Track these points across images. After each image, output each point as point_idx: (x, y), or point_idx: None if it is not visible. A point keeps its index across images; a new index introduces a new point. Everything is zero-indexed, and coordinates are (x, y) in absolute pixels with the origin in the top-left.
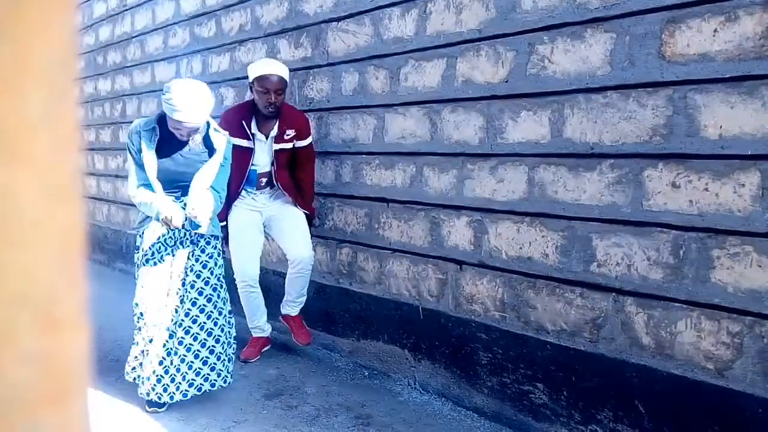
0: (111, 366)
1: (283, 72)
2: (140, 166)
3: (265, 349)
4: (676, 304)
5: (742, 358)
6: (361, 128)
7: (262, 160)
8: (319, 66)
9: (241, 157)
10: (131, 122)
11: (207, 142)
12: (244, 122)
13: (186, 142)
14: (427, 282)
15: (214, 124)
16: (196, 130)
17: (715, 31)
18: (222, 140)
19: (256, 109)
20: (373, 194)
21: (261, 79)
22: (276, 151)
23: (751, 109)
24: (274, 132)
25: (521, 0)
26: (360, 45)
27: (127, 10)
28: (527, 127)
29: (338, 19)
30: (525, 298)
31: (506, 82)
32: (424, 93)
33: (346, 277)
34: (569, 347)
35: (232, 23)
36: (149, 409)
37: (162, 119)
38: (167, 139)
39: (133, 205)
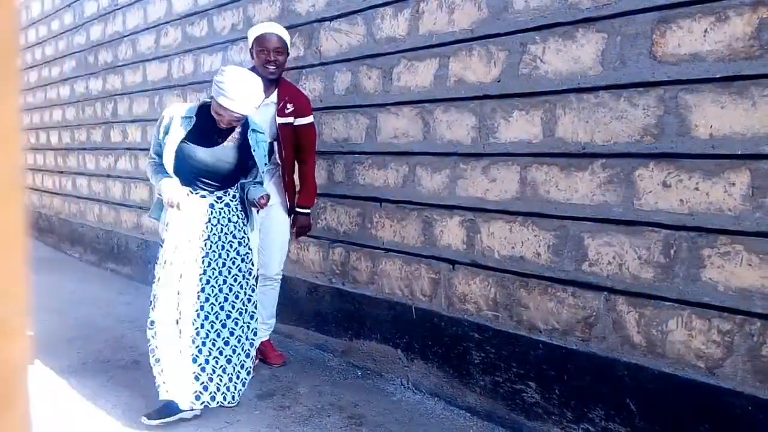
0: (100, 368)
1: (283, 33)
2: (158, 152)
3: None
4: (667, 303)
5: (733, 357)
6: (353, 128)
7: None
8: (312, 65)
9: None
10: (123, 122)
11: (242, 140)
12: None
13: (220, 136)
14: (420, 281)
15: (253, 123)
16: (237, 121)
17: (706, 31)
18: (262, 138)
19: (257, 75)
20: (366, 194)
21: (260, 39)
22: (279, 125)
23: (741, 108)
24: (272, 99)
25: (513, 0)
26: (353, 44)
27: (118, 9)
28: (519, 126)
29: (330, 19)
30: (517, 298)
31: (498, 81)
32: (417, 93)
33: (338, 276)
34: (561, 346)
35: (224, 23)
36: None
37: (201, 110)
38: (203, 129)
39: (124, 205)
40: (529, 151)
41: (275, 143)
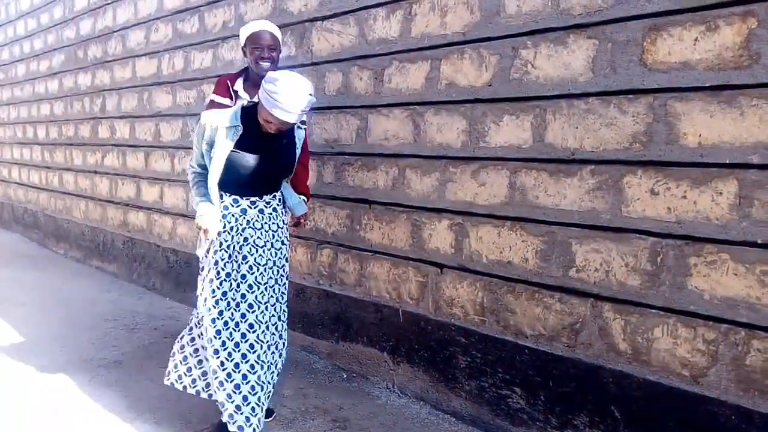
0: (83, 366)
1: (276, 31)
2: (201, 163)
3: None
4: (653, 311)
5: (717, 365)
6: (343, 128)
7: None
8: (303, 65)
9: None
10: (111, 118)
11: (289, 138)
12: (229, 81)
13: (267, 140)
14: (408, 284)
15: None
16: (287, 128)
17: (696, 39)
18: (301, 134)
19: (249, 74)
20: (355, 195)
21: (253, 37)
22: None
23: (730, 118)
24: None
25: (506, 4)
26: (344, 45)
27: (109, 4)
28: (509, 131)
29: (323, 18)
30: (504, 303)
31: (489, 86)
32: (408, 95)
33: (326, 278)
34: (547, 352)
35: (215, 19)
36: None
37: (244, 115)
38: (250, 135)
39: (111, 201)
40: (519, 156)
41: None
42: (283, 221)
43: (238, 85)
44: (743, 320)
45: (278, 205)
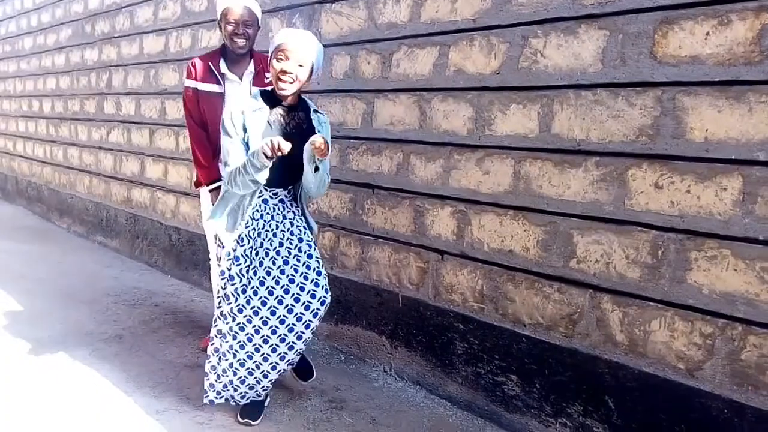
0: (83, 340)
1: (254, 5)
2: (235, 147)
3: None
4: (652, 304)
5: (713, 360)
6: (349, 112)
7: None
8: None
9: (210, 105)
10: (117, 94)
11: (308, 123)
12: (211, 64)
13: (289, 124)
14: (408, 270)
15: (314, 104)
16: (291, 74)
17: (707, 34)
18: (324, 119)
19: (226, 52)
20: (359, 180)
21: (228, 12)
22: None
23: (738, 114)
24: (249, 69)
25: None
26: (353, 28)
27: None
28: (516, 120)
29: (332, 1)
30: (504, 291)
31: (498, 74)
32: (416, 80)
33: (327, 261)
34: (544, 341)
35: None
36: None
37: (265, 96)
38: (275, 119)
39: (115, 177)
40: (524, 146)
41: None
42: (304, 209)
43: (223, 67)
44: (741, 316)
45: (299, 194)
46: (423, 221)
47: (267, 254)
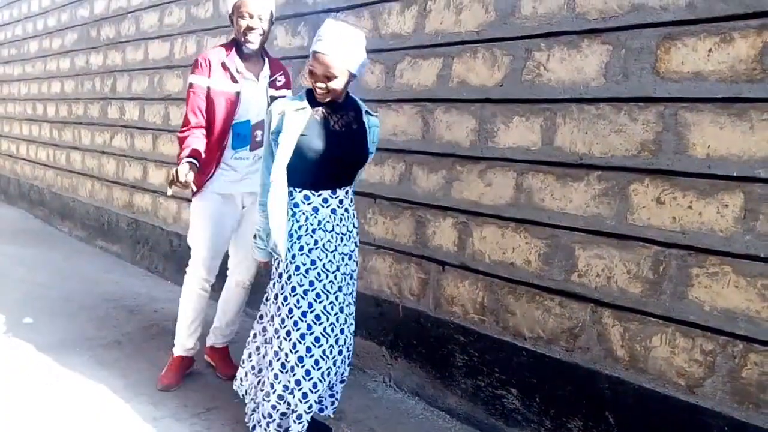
0: (82, 345)
1: (269, 0)
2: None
3: (188, 371)
4: (653, 319)
5: (713, 377)
6: None
7: (254, 108)
8: None
9: (223, 104)
10: (121, 99)
11: (359, 125)
12: (226, 62)
13: (336, 122)
14: (409, 281)
15: (365, 105)
16: (332, 76)
17: (710, 50)
18: (374, 122)
19: (239, 48)
20: (361, 189)
21: (240, 5)
22: (272, 99)
23: (740, 130)
24: (265, 72)
25: (521, 5)
26: None
27: None
28: (518, 132)
29: (337, 10)
30: (505, 303)
31: (501, 86)
32: (419, 91)
33: None
34: (545, 354)
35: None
36: None
37: (308, 98)
38: (319, 117)
39: (117, 182)
40: (527, 158)
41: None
42: (354, 224)
43: (240, 66)
44: (742, 333)
45: (350, 205)
46: (424, 232)
47: (306, 273)
